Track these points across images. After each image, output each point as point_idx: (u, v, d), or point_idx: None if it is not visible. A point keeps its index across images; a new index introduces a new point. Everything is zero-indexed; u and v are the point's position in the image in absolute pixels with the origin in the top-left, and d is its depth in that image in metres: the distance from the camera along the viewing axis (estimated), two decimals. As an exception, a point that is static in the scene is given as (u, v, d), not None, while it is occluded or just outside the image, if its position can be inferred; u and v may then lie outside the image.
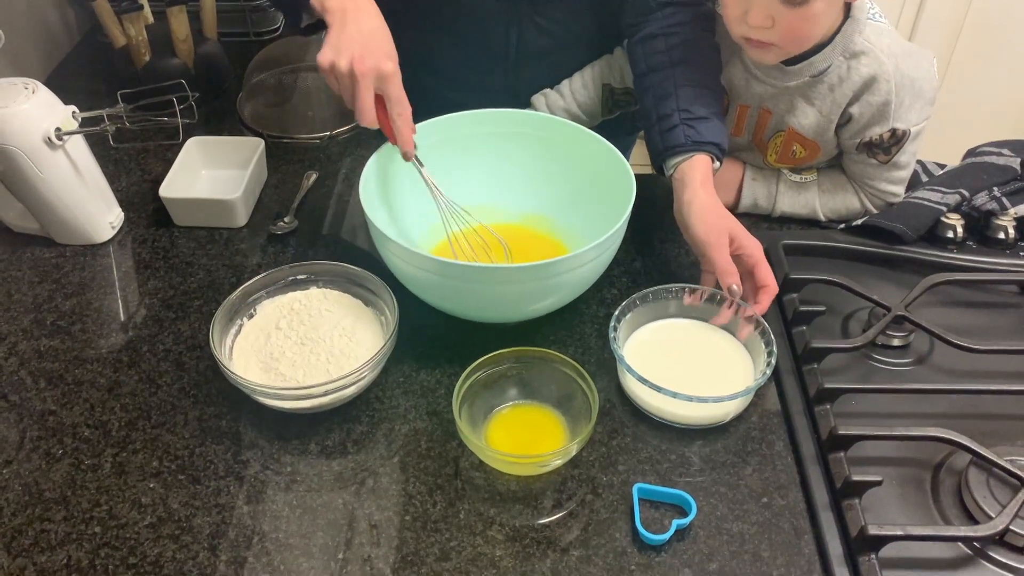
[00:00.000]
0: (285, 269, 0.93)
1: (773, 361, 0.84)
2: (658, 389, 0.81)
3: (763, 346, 0.86)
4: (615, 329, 0.86)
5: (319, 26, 0.95)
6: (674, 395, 0.80)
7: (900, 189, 1.06)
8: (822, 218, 1.08)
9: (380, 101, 0.90)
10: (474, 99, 1.05)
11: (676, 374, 0.84)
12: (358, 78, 0.86)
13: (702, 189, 0.93)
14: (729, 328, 0.91)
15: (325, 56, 0.87)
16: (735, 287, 0.89)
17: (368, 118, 0.89)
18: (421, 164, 0.94)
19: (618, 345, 0.86)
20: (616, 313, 0.88)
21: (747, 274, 0.91)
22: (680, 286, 0.92)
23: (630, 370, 0.82)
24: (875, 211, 1.06)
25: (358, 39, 0.87)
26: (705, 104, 0.97)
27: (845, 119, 1.01)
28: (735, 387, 0.83)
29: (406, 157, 0.93)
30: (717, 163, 0.97)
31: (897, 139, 1.00)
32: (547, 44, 1.13)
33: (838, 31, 0.97)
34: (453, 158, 1.01)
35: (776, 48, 0.95)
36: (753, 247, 0.91)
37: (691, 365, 0.88)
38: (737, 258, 0.91)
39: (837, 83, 0.99)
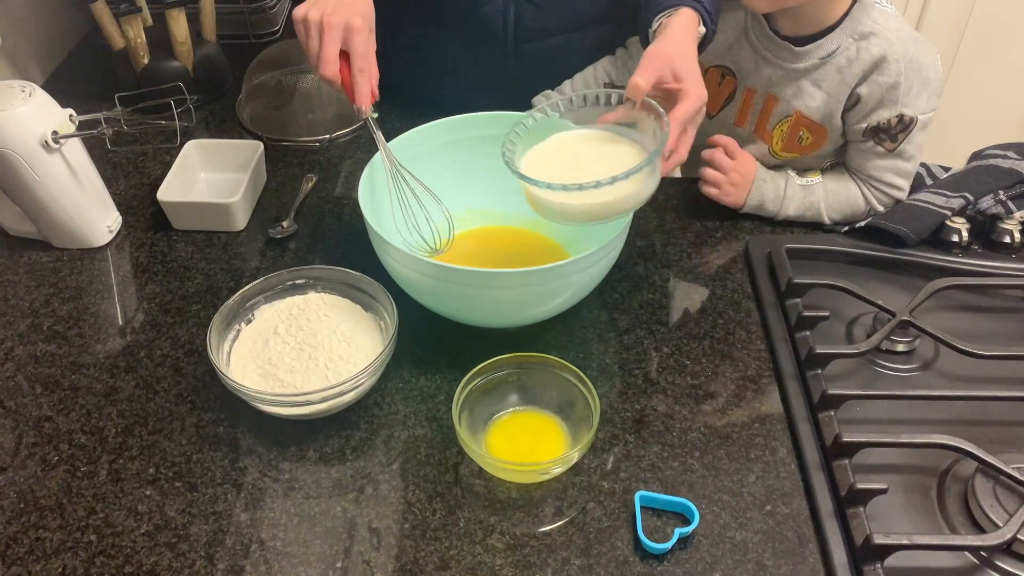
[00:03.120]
0: (284, 274, 0.92)
1: (666, 129, 0.81)
2: (563, 188, 0.79)
3: (654, 120, 0.83)
4: (509, 151, 0.85)
5: None
6: (579, 188, 0.78)
7: (905, 184, 1.05)
8: (827, 221, 1.07)
9: (345, 61, 0.92)
10: (474, 96, 1.05)
11: (575, 175, 0.81)
12: (325, 28, 0.90)
13: (680, 30, 0.89)
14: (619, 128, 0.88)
15: (301, 9, 0.92)
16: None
17: (330, 70, 0.91)
18: (376, 128, 0.95)
19: (515, 165, 0.84)
20: (505, 138, 0.86)
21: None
22: (567, 97, 0.89)
23: (524, 178, 0.81)
24: (881, 209, 1.06)
25: None
26: None
27: (853, 101, 1.01)
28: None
29: (360, 115, 0.94)
30: (703, 28, 0.93)
31: (904, 125, 0.99)
32: (544, 24, 1.14)
33: (847, 14, 0.98)
34: (455, 161, 1.01)
35: None
36: (692, 94, 0.85)
37: (590, 165, 0.85)
38: (670, 92, 0.86)
39: (846, 65, 0.99)
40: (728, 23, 1.05)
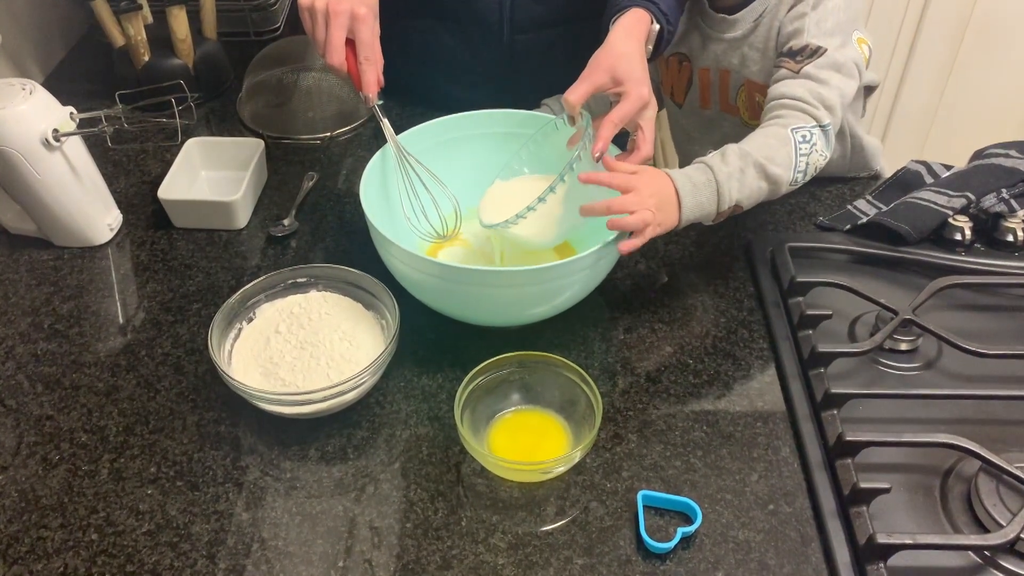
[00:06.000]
0: (285, 272, 0.92)
1: (591, 133, 0.86)
2: (506, 223, 0.87)
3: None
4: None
5: None
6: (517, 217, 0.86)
7: (824, 109, 0.92)
8: (777, 171, 0.89)
9: (351, 49, 0.93)
10: (468, 88, 1.05)
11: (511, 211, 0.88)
12: (331, 16, 0.91)
13: (622, 33, 0.91)
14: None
15: None
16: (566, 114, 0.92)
17: (337, 58, 0.92)
18: (383, 116, 0.96)
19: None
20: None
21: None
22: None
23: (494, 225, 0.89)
24: (807, 127, 0.92)
25: None
26: None
27: (779, 48, 1.02)
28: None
29: (367, 102, 0.96)
30: (656, 25, 0.94)
31: (811, 52, 0.96)
32: (540, 16, 1.15)
33: None
34: (457, 159, 1.00)
35: None
36: (632, 94, 0.87)
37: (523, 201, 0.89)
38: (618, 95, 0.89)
39: (771, 19, 1.02)
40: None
